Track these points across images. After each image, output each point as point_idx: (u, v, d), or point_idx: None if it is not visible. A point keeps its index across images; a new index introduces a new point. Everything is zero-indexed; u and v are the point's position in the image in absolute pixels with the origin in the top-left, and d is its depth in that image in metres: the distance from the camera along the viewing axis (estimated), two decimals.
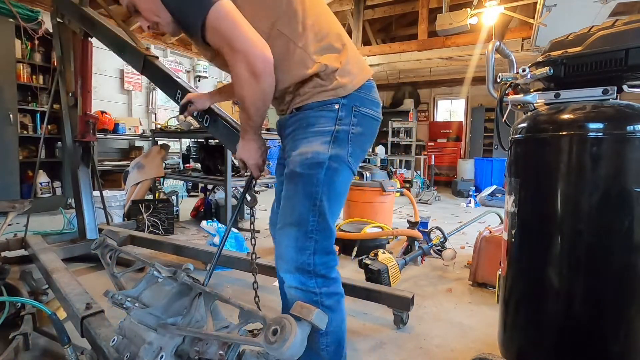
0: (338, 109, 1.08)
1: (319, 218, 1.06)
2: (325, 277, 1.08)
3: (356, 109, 1.11)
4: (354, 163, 1.12)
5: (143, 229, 3.41)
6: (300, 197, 1.07)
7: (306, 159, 1.06)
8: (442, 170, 9.24)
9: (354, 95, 1.10)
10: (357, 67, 1.14)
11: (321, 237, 1.07)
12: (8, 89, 4.15)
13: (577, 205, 1.08)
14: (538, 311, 1.17)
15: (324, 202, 1.06)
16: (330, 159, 1.06)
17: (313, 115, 1.09)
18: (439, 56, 6.41)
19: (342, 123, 1.08)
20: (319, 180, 1.06)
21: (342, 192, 1.14)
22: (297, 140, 1.10)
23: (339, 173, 1.08)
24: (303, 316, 0.80)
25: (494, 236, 2.40)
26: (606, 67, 1.08)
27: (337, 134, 1.08)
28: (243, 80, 1.01)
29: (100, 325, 1.30)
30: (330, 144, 1.07)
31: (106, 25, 1.99)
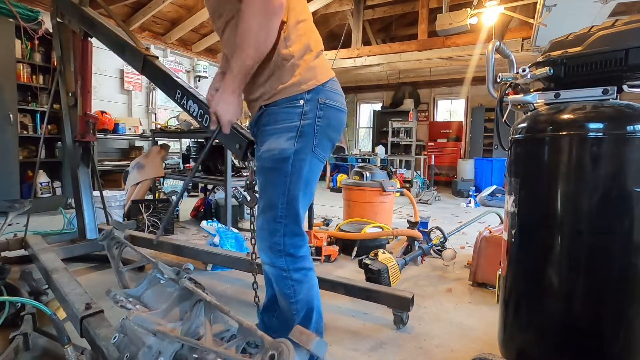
0: (303, 104, 1.16)
1: (287, 205, 1.18)
2: (292, 255, 1.21)
3: (322, 101, 1.18)
4: (321, 153, 1.21)
5: (143, 229, 3.41)
6: (271, 187, 1.19)
7: (273, 155, 1.16)
8: (442, 170, 9.24)
9: (318, 89, 1.17)
10: (323, 68, 1.22)
11: (290, 222, 1.19)
12: (8, 89, 4.15)
13: (577, 205, 1.08)
14: (538, 311, 1.17)
15: (292, 191, 1.18)
16: (296, 153, 1.16)
17: (279, 111, 1.17)
18: (439, 56, 6.41)
19: (307, 117, 1.16)
20: (286, 172, 1.16)
21: (311, 179, 1.23)
22: (265, 135, 1.20)
23: (305, 163, 1.18)
24: (302, 344, 0.80)
25: (494, 236, 2.40)
26: (606, 67, 1.08)
27: (302, 129, 1.16)
28: (255, 11, 1.03)
29: (100, 325, 1.29)
30: (295, 139, 1.15)
31: (106, 25, 1.99)
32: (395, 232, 3.11)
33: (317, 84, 1.17)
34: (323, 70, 1.22)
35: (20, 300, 1.67)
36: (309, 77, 1.17)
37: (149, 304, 1.12)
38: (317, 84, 1.17)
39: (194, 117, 1.52)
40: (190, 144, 5.18)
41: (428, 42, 6.11)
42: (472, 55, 6.13)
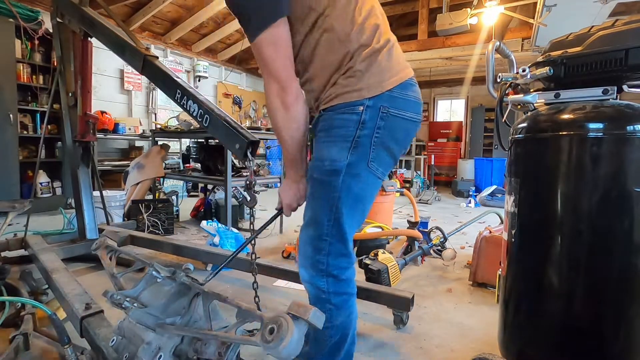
0: (362, 111, 1.04)
1: (334, 223, 1.08)
2: (336, 277, 1.11)
3: (384, 110, 1.06)
4: (378, 168, 1.10)
5: (143, 229, 3.41)
6: (317, 201, 1.10)
7: (323, 166, 1.07)
8: (442, 170, 9.24)
9: (383, 95, 1.05)
10: (393, 67, 1.09)
11: (335, 240, 1.09)
12: (8, 89, 4.15)
13: (577, 205, 1.08)
14: (538, 311, 1.17)
15: (340, 208, 1.07)
16: (349, 166, 1.05)
17: (336, 117, 1.07)
18: (439, 56, 6.41)
19: (365, 127, 1.05)
20: (335, 187, 1.06)
21: (363, 197, 1.12)
22: (319, 144, 1.11)
23: (358, 179, 1.07)
24: (300, 315, 0.80)
25: (494, 236, 2.40)
26: (606, 67, 1.08)
27: (358, 139, 1.05)
28: (275, 108, 1.05)
29: (100, 325, 1.30)
30: (349, 150, 1.05)
31: (106, 25, 1.99)
32: (395, 232, 3.11)
33: (382, 90, 1.05)
34: (393, 71, 1.08)
35: (20, 300, 1.67)
36: (374, 82, 1.05)
37: (147, 303, 1.12)
38: (383, 90, 1.05)
39: (194, 117, 1.52)
40: (190, 144, 5.19)
41: (428, 42, 6.11)
42: (472, 55, 6.13)
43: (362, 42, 1.05)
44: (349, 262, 1.14)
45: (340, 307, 1.13)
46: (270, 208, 4.75)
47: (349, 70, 1.05)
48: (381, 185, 1.16)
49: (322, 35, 1.05)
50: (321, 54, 1.07)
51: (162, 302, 1.06)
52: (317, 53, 1.07)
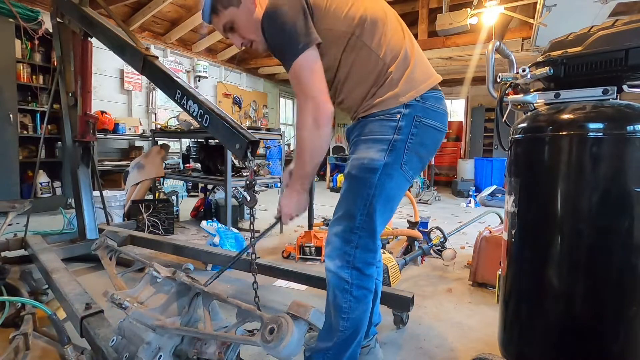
0: (399, 118, 1.14)
1: (367, 217, 1.15)
2: (360, 270, 1.17)
3: (418, 119, 1.15)
4: (409, 171, 1.18)
5: (143, 229, 3.41)
6: (353, 196, 1.17)
7: (362, 163, 1.15)
8: (442, 170, 9.24)
9: (417, 106, 1.15)
10: (423, 74, 1.20)
11: (365, 234, 1.16)
12: (8, 89, 4.15)
13: (577, 205, 1.08)
14: (538, 311, 1.17)
15: (374, 204, 1.15)
16: (385, 166, 1.14)
17: (375, 122, 1.16)
18: (439, 56, 6.41)
19: (401, 132, 1.14)
20: (372, 183, 1.14)
21: (394, 196, 1.21)
22: (357, 145, 1.19)
23: (392, 179, 1.15)
24: (300, 315, 0.81)
25: (494, 236, 2.40)
26: (606, 67, 1.08)
27: (394, 143, 1.14)
28: (307, 125, 1.12)
29: (100, 325, 1.29)
30: (386, 152, 1.14)
31: (106, 25, 1.99)
32: (395, 232, 3.11)
33: (416, 95, 1.15)
34: (422, 77, 1.19)
35: (20, 300, 1.67)
36: (408, 89, 1.15)
37: (147, 303, 1.12)
38: (417, 94, 1.15)
39: (194, 117, 1.52)
40: (190, 144, 5.18)
41: (428, 42, 6.10)
42: (472, 55, 6.13)
43: (394, 54, 1.16)
44: (374, 258, 1.20)
45: (359, 300, 1.18)
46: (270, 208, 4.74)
47: (386, 82, 1.15)
48: (407, 188, 1.24)
49: (358, 54, 1.16)
50: (357, 72, 1.17)
51: (162, 302, 1.06)
52: (353, 71, 1.18)
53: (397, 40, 1.19)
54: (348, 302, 1.17)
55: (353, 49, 1.16)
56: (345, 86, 1.21)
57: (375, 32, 1.16)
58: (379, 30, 1.17)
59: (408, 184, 1.23)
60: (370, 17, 1.16)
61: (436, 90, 1.22)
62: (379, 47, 1.16)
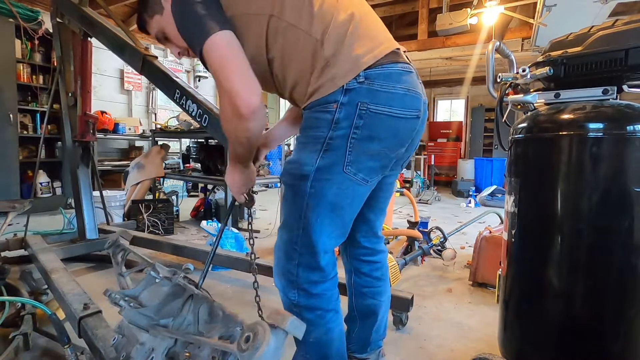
0: (336, 109, 0.92)
1: (303, 232, 0.97)
2: (306, 291, 1.00)
3: (363, 106, 0.91)
4: (357, 173, 0.96)
5: (143, 229, 3.41)
6: (289, 206, 1.01)
7: (291, 169, 0.98)
8: (442, 170, 9.24)
9: (361, 89, 0.91)
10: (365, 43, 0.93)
11: (304, 251, 0.98)
12: (8, 89, 4.15)
13: (577, 205, 1.08)
14: (538, 311, 1.17)
15: (308, 217, 0.96)
16: (318, 171, 0.94)
17: (310, 117, 0.97)
18: (439, 56, 6.41)
19: (338, 127, 0.92)
20: (304, 192, 0.95)
21: (340, 206, 0.98)
22: (296, 145, 1.03)
23: (330, 184, 0.95)
24: (277, 323, 0.75)
25: (494, 236, 2.40)
26: (606, 67, 1.08)
27: (330, 141, 0.93)
28: (227, 117, 0.94)
29: (98, 326, 1.29)
30: (319, 153, 0.94)
31: (105, 25, 2.00)
32: (395, 232, 3.11)
33: (357, 71, 0.90)
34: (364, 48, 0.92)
35: (20, 300, 1.66)
36: (346, 67, 0.90)
37: (146, 303, 1.12)
38: (358, 70, 0.90)
39: (193, 117, 1.52)
40: (190, 144, 5.18)
41: (428, 42, 6.10)
42: (472, 55, 6.13)
43: (324, 25, 0.92)
44: (323, 277, 1.01)
45: (314, 324, 1.01)
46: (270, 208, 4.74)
47: (319, 61, 0.92)
48: (368, 191, 1.03)
49: (285, 38, 0.94)
50: (292, 60, 0.96)
51: (156, 303, 1.06)
52: (287, 61, 0.97)
53: (329, 4, 0.94)
54: None
55: (277, 32, 0.94)
56: (288, 82, 0.99)
57: (301, 4, 0.93)
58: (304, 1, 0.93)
59: (363, 188, 1.00)
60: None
61: (393, 63, 0.95)
62: (308, 22, 0.92)
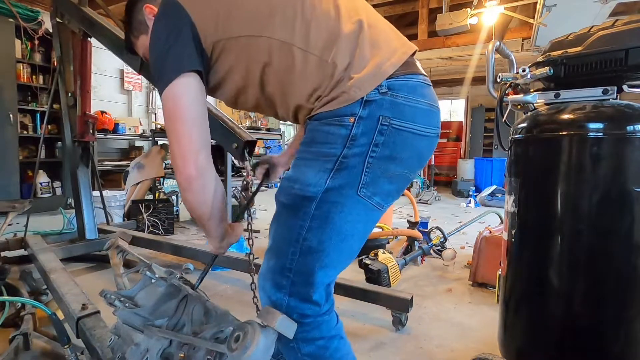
0: (353, 123, 0.79)
1: (300, 257, 0.83)
2: (299, 322, 0.84)
3: (385, 121, 0.80)
4: (372, 197, 0.83)
5: (143, 229, 3.41)
6: (282, 228, 0.87)
7: (292, 188, 0.84)
8: (442, 170, 9.24)
9: (383, 101, 0.80)
10: (382, 51, 0.83)
11: (298, 280, 0.83)
12: (8, 89, 4.15)
13: (577, 205, 1.08)
14: (538, 311, 1.17)
15: (308, 240, 0.82)
16: (327, 192, 0.81)
17: (320, 129, 0.83)
18: (439, 56, 6.40)
19: (355, 145, 0.80)
20: (305, 214, 0.82)
21: (349, 234, 0.85)
22: (296, 159, 0.88)
23: (341, 209, 0.82)
24: (267, 322, 0.74)
25: (494, 236, 2.40)
26: (606, 67, 1.08)
27: (343, 160, 0.80)
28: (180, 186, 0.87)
29: (96, 326, 1.28)
30: (330, 173, 0.81)
31: (105, 25, 2.00)
32: (395, 232, 3.11)
33: (377, 81, 0.79)
34: (386, 53, 0.82)
35: (20, 300, 1.67)
36: (367, 77, 0.79)
37: (141, 304, 1.12)
38: (379, 81, 0.79)
39: None
40: None
41: (428, 42, 6.10)
42: (472, 55, 6.12)
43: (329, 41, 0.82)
44: (315, 311, 0.85)
45: (316, 357, 0.86)
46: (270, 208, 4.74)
47: (328, 78, 0.82)
48: (380, 217, 0.91)
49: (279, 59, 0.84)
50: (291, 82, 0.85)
51: (151, 304, 1.05)
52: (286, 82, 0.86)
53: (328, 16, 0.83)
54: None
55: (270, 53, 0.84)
56: (290, 104, 0.88)
57: (292, 19, 0.82)
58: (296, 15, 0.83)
59: (378, 213, 0.88)
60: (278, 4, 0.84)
61: (414, 74, 0.85)
62: (304, 38, 0.82)
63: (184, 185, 0.84)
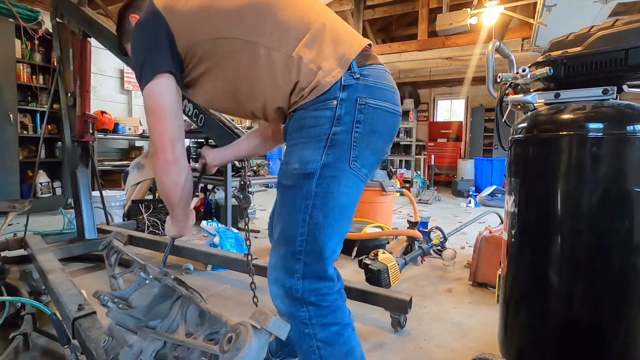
0: (336, 105, 0.90)
1: (308, 237, 0.90)
2: (316, 305, 0.91)
3: (362, 101, 0.91)
4: (361, 168, 0.94)
5: (143, 229, 3.41)
6: (288, 212, 0.94)
7: (293, 169, 0.92)
8: (442, 170, 9.24)
9: (358, 85, 0.92)
10: (345, 43, 0.95)
11: (311, 260, 0.91)
12: (8, 89, 4.15)
13: (577, 205, 1.08)
14: (538, 311, 1.17)
15: (314, 217, 0.90)
16: (324, 167, 0.90)
17: (306, 115, 0.93)
18: (439, 56, 6.40)
19: (341, 123, 0.90)
20: (309, 192, 0.90)
21: (347, 205, 0.94)
22: (289, 147, 0.97)
23: (338, 182, 0.91)
24: (259, 323, 0.73)
25: (494, 236, 2.40)
26: (606, 67, 1.08)
27: (334, 137, 0.90)
28: (154, 169, 1.02)
29: (91, 327, 1.28)
30: (324, 150, 0.90)
31: (104, 25, 2.00)
32: (395, 232, 3.11)
33: (349, 60, 0.91)
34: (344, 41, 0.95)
35: (20, 300, 1.66)
36: (336, 63, 0.91)
37: (136, 305, 1.11)
38: (349, 60, 0.91)
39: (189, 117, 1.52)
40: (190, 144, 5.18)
41: (428, 42, 6.10)
42: (472, 55, 6.12)
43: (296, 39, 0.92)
44: (330, 287, 0.93)
45: (331, 344, 0.92)
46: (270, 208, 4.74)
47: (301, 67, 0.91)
48: (363, 190, 1.01)
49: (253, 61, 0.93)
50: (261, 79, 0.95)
51: (145, 304, 1.05)
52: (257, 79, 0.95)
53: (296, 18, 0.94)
54: (316, 351, 0.91)
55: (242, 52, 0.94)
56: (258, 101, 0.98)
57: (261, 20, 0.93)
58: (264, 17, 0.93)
59: (363, 185, 0.98)
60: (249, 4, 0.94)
61: (377, 64, 0.99)
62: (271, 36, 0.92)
63: (163, 169, 0.99)
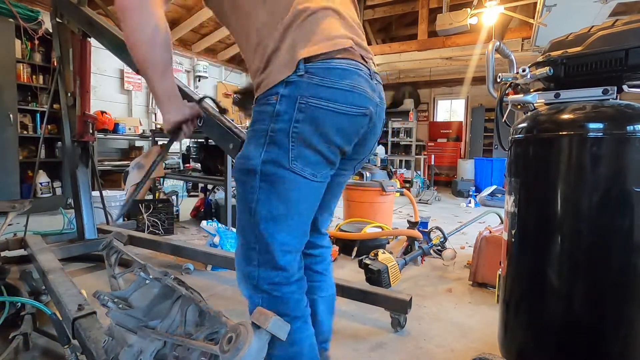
0: (276, 101, 0.87)
1: (255, 229, 0.92)
2: (268, 294, 0.92)
3: (303, 100, 0.86)
4: (304, 168, 0.90)
5: (143, 229, 3.41)
6: (239, 204, 0.96)
7: (240, 164, 0.93)
8: (442, 170, 9.23)
9: (301, 83, 0.86)
10: (316, 35, 0.89)
11: (263, 250, 0.92)
12: (8, 89, 4.15)
13: (577, 205, 1.08)
14: (538, 311, 1.17)
15: (259, 212, 0.91)
16: (265, 164, 0.89)
17: (256, 109, 0.93)
18: (439, 56, 6.41)
19: (279, 120, 0.87)
20: (253, 187, 0.91)
21: (296, 200, 0.92)
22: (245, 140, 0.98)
23: (280, 180, 0.90)
24: (260, 323, 0.74)
25: (494, 236, 2.40)
26: (606, 67, 1.08)
27: (272, 134, 0.88)
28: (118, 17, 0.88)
29: (91, 327, 1.27)
30: (264, 147, 0.89)
31: (104, 25, 1.99)
32: (395, 232, 3.11)
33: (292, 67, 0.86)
34: (313, 40, 0.88)
35: (20, 300, 1.66)
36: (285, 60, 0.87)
37: (136, 305, 1.11)
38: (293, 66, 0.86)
39: None
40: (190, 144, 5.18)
41: (428, 42, 6.11)
42: (472, 55, 6.13)
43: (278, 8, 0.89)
44: (285, 277, 0.93)
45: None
46: None
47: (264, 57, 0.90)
48: (322, 187, 0.98)
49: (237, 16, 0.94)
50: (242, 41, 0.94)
51: (145, 304, 1.05)
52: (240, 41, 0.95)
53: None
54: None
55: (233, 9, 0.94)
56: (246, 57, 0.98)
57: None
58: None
59: (315, 184, 0.94)
60: None
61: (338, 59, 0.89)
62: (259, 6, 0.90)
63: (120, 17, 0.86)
